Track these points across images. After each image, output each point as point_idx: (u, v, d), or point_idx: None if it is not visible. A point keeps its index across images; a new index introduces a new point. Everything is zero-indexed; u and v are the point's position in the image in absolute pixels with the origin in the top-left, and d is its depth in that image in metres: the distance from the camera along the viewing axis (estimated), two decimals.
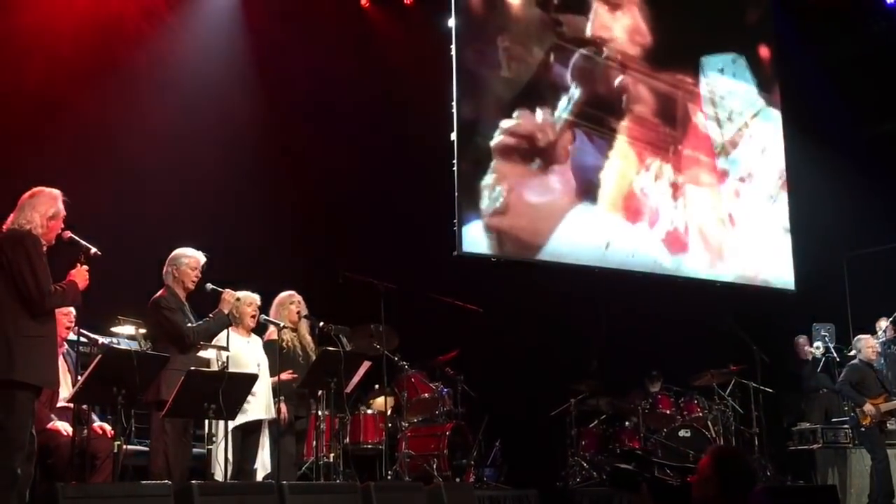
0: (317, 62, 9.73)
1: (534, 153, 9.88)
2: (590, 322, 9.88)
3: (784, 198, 11.89)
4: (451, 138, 9.63)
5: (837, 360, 10.28)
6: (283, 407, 6.77)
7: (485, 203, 9.63)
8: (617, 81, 10.45)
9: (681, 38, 10.99)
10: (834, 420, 10.05)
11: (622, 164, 10.33)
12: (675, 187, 10.76)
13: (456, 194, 9.55)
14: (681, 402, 9.71)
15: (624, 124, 10.44)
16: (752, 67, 11.81)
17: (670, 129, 10.79)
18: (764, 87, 11.98)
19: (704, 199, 10.99)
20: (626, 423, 9.63)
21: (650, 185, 10.54)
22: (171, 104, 8.76)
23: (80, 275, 5.22)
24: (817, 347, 10.45)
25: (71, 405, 5.53)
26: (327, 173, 9.66)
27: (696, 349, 10.27)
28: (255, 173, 9.32)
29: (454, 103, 9.65)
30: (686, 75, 11.13)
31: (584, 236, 10.06)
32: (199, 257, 6.30)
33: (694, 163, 10.97)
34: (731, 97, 11.50)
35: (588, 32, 10.29)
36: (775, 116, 12.09)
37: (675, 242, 10.69)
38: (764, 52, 12.15)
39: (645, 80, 10.64)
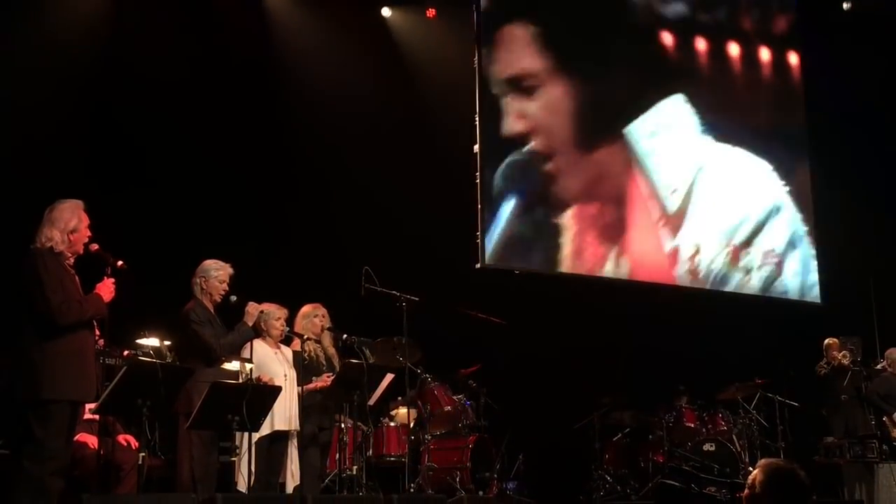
0: (339, 74, 9.78)
1: None
2: (614, 335, 9.81)
3: (811, 211, 11.78)
4: (475, 150, 9.66)
5: (864, 373, 10.17)
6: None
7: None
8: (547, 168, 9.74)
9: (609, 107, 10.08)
10: (861, 434, 9.93)
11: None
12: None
13: (479, 206, 9.57)
14: (705, 415, 9.64)
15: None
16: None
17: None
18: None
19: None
20: (650, 437, 9.57)
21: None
22: (194, 114, 8.83)
23: (105, 288, 5.25)
24: (844, 356, 10.35)
25: (97, 417, 5.56)
26: (349, 184, 9.69)
27: (720, 362, 10.19)
28: (279, 185, 9.37)
29: (477, 115, 9.68)
30: (616, 143, 10.15)
31: None
32: (227, 268, 6.32)
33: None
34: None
35: (504, 130, 9.62)
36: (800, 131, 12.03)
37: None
38: (793, 60, 12.06)
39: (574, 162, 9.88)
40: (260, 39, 9.70)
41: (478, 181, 9.64)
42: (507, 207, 9.69)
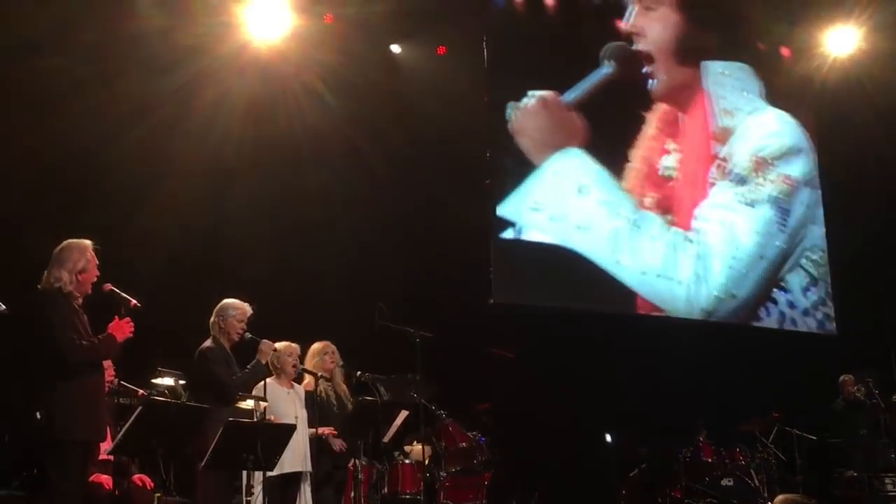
0: (350, 110, 9.82)
1: None
2: (629, 369, 9.76)
3: (822, 237, 11.73)
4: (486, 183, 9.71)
5: (882, 405, 10.08)
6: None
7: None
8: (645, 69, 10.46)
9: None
10: (880, 468, 9.83)
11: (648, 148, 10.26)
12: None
13: (491, 241, 9.58)
14: (723, 450, 9.55)
15: (652, 113, 10.39)
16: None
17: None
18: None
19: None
20: (668, 472, 9.47)
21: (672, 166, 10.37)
22: (203, 154, 8.86)
23: (118, 328, 5.22)
24: (859, 389, 10.28)
25: (111, 457, 5.53)
26: (362, 220, 9.70)
27: (737, 396, 10.11)
28: (291, 223, 9.37)
29: (489, 151, 9.74)
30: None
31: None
32: (246, 309, 6.31)
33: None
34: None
35: (625, 27, 10.43)
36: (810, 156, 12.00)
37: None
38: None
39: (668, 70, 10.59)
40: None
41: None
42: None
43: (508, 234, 9.61)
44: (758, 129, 10.65)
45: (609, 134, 9.91)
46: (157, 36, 8.31)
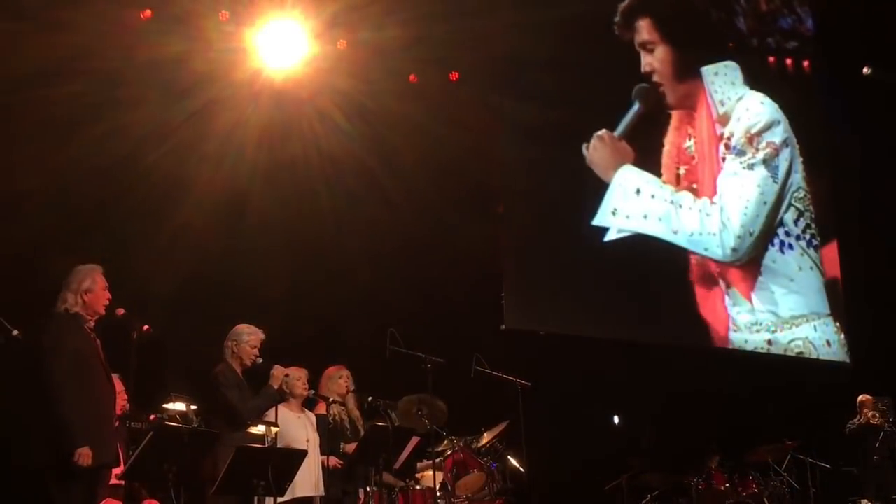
0: (366, 136, 9.87)
1: None
2: (642, 395, 9.74)
3: (836, 260, 11.82)
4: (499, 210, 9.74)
5: None
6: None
7: None
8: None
9: None
10: (894, 496, 9.74)
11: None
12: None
13: (502, 267, 9.61)
14: (735, 478, 9.48)
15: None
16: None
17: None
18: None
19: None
20: (680, 500, 9.42)
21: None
22: (222, 178, 8.92)
23: None
24: (874, 416, 10.21)
25: (122, 482, 5.55)
26: (373, 245, 9.73)
27: (749, 423, 10.06)
28: (303, 247, 9.41)
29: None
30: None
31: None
32: (259, 334, 6.35)
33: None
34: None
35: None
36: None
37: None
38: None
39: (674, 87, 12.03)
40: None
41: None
42: None
43: (609, 235, 10.87)
44: (746, 111, 12.70)
45: (645, 146, 11.54)
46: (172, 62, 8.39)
